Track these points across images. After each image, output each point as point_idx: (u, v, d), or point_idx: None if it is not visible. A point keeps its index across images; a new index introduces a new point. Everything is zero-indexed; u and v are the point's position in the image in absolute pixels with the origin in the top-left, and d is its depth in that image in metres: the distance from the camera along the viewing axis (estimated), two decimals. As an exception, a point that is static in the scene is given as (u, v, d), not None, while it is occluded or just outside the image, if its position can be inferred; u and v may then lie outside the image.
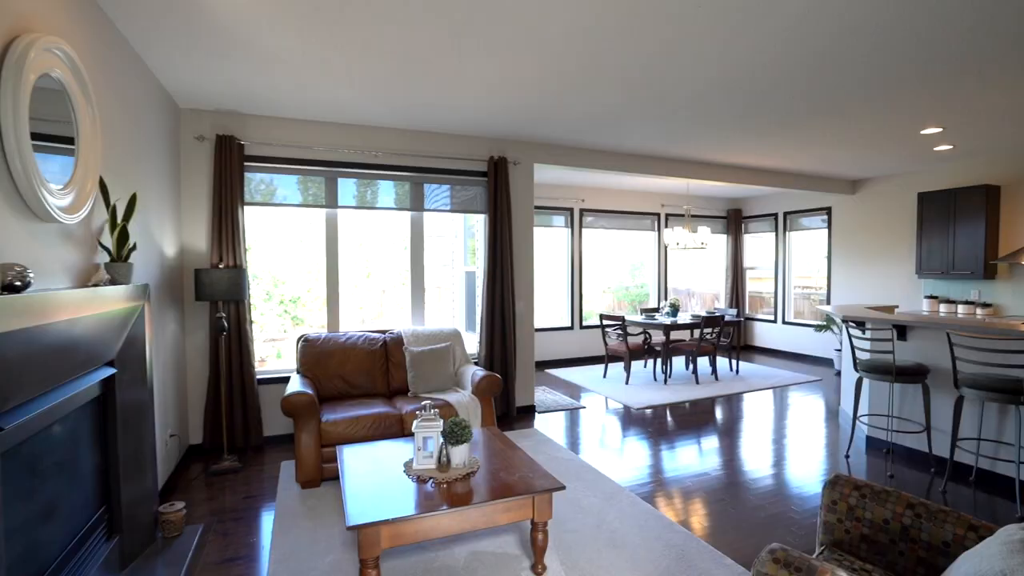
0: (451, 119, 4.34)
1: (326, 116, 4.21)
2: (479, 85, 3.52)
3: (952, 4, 2.44)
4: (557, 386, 6.42)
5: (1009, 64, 3.22)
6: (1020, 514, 3.14)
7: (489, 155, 4.94)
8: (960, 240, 5.88)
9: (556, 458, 3.96)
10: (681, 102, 3.89)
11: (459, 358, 4.41)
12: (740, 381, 6.56)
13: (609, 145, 5.27)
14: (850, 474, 3.74)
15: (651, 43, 2.85)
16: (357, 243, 7.00)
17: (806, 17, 2.56)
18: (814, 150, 5.46)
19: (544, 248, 8.00)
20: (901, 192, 6.80)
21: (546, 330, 7.79)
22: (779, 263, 8.55)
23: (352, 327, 6.94)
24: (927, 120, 4.37)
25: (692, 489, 3.45)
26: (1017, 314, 5.69)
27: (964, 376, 3.39)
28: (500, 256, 4.89)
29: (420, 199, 4.77)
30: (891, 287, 6.93)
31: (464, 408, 3.77)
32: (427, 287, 4.95)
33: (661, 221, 8.62)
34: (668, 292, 8.81)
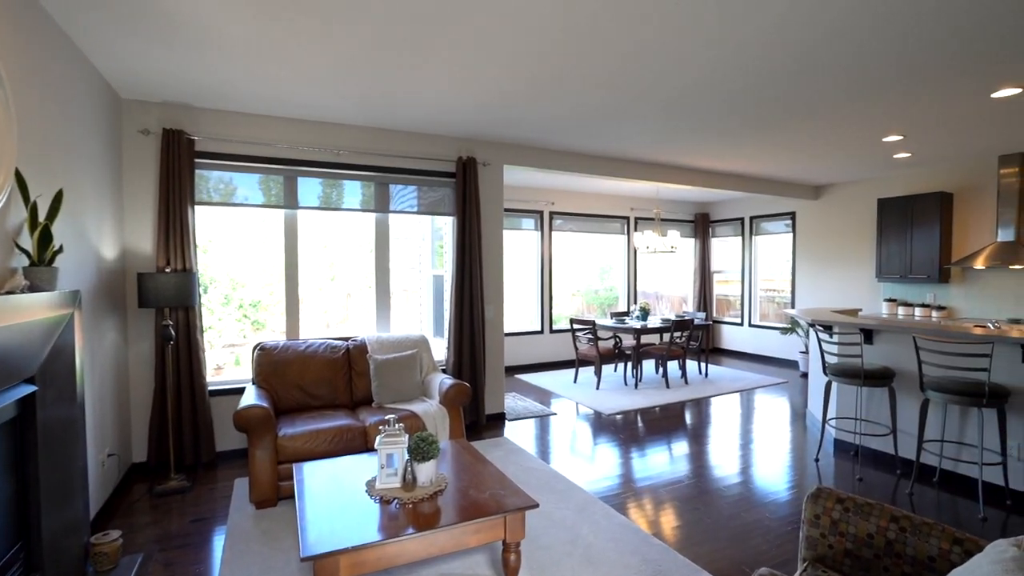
0: (418, 117, 4.18)
1: (285, 111, 3.99)
2: (447, 82, 3.38)
3: (919, 18, 2.44)
4: (527, 392, 6.30)
5: (968, 76, 3.28)
6: (983, 515, 3.18)
7: (458, 155, 4.79)
8: (917, 245, 6.05)
9: (527, 468, 3.84)
10: (654, 105, 3.83)
11: (426, 366, 4.24)
12: (709, 384, 6.58)
13: (580, 147, 5.19)
14: (820, 478, 3.75)
15: (625, 43, 2.76)
16: (321, 245, 6.75)
17: (780, 23, 2.51)
18: (781, 155, 5.52)
19: (514, 251, 7.89)
20: (862, 198, 6.98)
21: (516, 334, 7.67)
22: (745, 267, 8.67)
23: (316, 332, 6.69)
24: (889, 128, 4.45)
25: (666, 497, 3.38)
26: (969, 316, 5.88)
27: (929, 379, 3.43)
28: (469, 259, 4.75)
29: (385, 200, 4.58)
30: (853, 290, 7.09)
31: (431, 419, 3.60)
32: (394, 291, 4.77)
33: (630, 224, 8.63)
34: (637, 295, 8.82)
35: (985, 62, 3.10)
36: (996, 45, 2.87)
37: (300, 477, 2.56)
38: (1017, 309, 5.56)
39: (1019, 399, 3.34)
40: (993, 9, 2.45)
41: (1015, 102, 3.79)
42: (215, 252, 5.93)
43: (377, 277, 4.69)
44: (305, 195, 4.27)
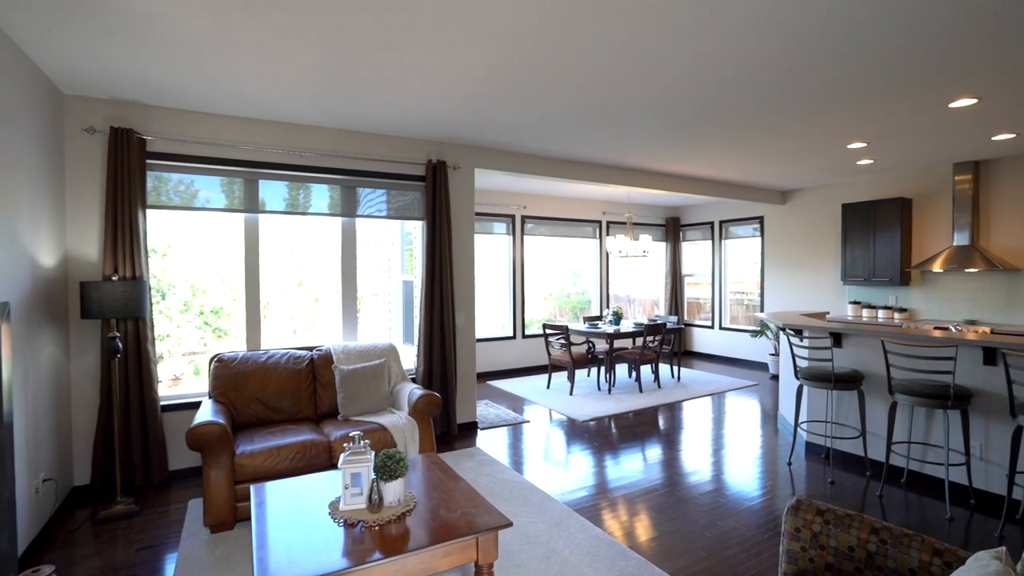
0: (386, 119, 4.04)
1: (246, 111, 3.80)
2: (416, 83, 3.26)
3: (883, 31, 2.46)
4: (500, 399, 6.20)
5: (928, 86, 3.35)
6: (949, 515, 3.22)
7: (427, 158, 4.67)
8: (879, 249, 6.20)
9: (500, 480, 3.73)
10: (625, 110, 3.80)
11: (395, 375, 4.09)
12: (682, 388, 6.60)
13: (552, 151, 5.13)
14: (793, 482, 3.76)
15: (597, 47, 2.70)
16: (288, 249, 6.53)
17: (748, 30, 2.49)
18: (749, 161, 5.57)
19: (486, 255, 7.79)
20: (827, 203, 7.13)
21: (488, 340, 7.56)
22: (715, 270, 8.77)
23: (283, 339, 6.44)
24: (854, 135, 4.53)
25: (642, 506, 3.32)
26: (929, 318, 6.05)
27: (897, 382, 3.47)
28: (439, 265, 4.62)
29: (352, 204, 4.43)
30: (819, 293, 7.24)
31: (400, 431, 3.46)
32: (364, 295, 4.62)
33: (602, 228, 8.63)
34: (610, 299, 8.82)
35: (944, 74, 3.17)
36: (954, 58, 2.94)
37: (258, 500, 2.39)
38: (973, 310, 5.74)
39: (981, 400, 3.40)
40: (950, 24, 2.50)
41: (971, 112, 3.90)
42: (174, 257, 5.66)
43: (343, 284, 4.52)
44: (268, 198, 4.09)
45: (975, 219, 5.61)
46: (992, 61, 2.99)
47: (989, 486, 3.40)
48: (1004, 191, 5.51)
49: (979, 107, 3.79)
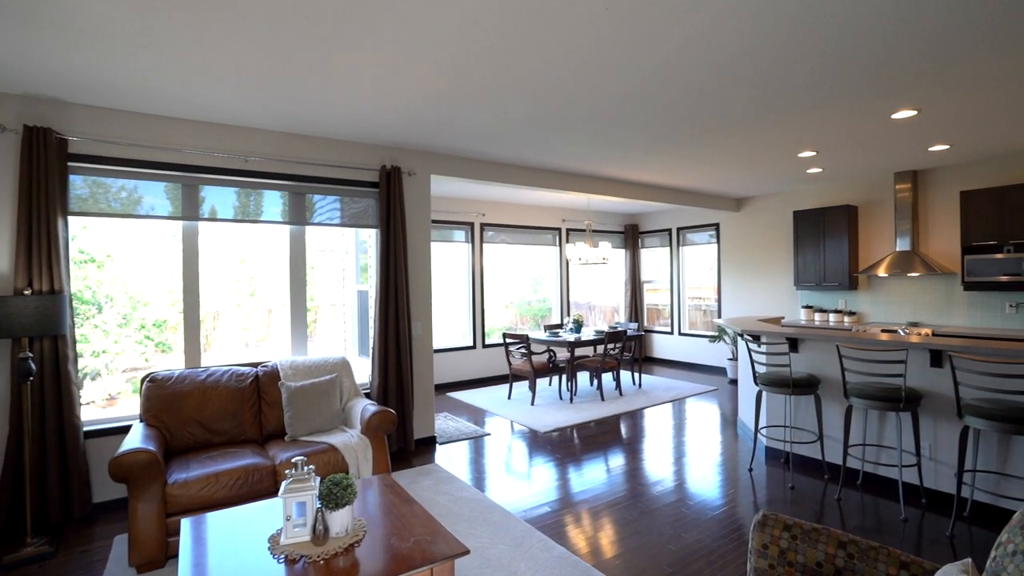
0: (337, 123, 3.86)
1: (184, 112, 3.54)
2: (366, 85, 3.10)
3: (829, 42, 2.48)
4: (460, 411, 6.03)
5: (872, 98, 3.44)
6: (904, 516, 3.27)
7: (381, 164, 4.49)
8: (829, 254, 6.39)
9: (460, 499, 3.57)
10: (582, 115, 3.75)
11: (347, 391, 3.88)
12: (643, 395, 6.60)
13: (510, 158, 5.05)
14: (754, 489, 3.75)
15: (555, 50, 2.63)
16: (239, 258, 6.20)
17: (708, 32, 2.47)
18: (705, 168, 5.64)
19: (445, 264, 7.63)
20: (779, 210, 7.32)
21: (447, 350, 7.39)
22: (674, 277, 8.88)
23: (234, 352, 6.08)
24: (804, 144, 4.63)
25: (605, 520, 3.23)
26: (876, 320, 6.27)
27: (852, 386, 3.52)
28: (394, 274, 4.44)
29: (302, 211, 4.20)
30: (774, 298, 7.41)
31: (352, 452, 3.26)
32: (321, 306, 4.39)
33: (562, 236, 8.61)
34: (570, 306, 8.80)
35: (887, 85, 3.26)
36: (897, 71, 3.04)
37: (192, 536, 2.16)
38: (916, 313, 5.98)
39: (930, 401, 3.49)
40: (893, 39, 2.57)
41: (911, 123, 4.04)
42: (113, 267, 5.27)
43: (292, 295, 4.28)
44: (210, 205, 3.82)
45: (915, 225, 5.85)
46: (930, 75, 3.10)
47: (939, 485, 3.48)
48: (939, 199, 5.77)
49: (918, 118, 3.93)
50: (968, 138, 4.55)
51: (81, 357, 5.32)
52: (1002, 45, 2.73)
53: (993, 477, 3.25)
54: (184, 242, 3.79)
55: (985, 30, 2.54)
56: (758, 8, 2.30)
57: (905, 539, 3.02)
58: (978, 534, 3.06)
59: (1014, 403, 2.89)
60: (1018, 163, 5.25)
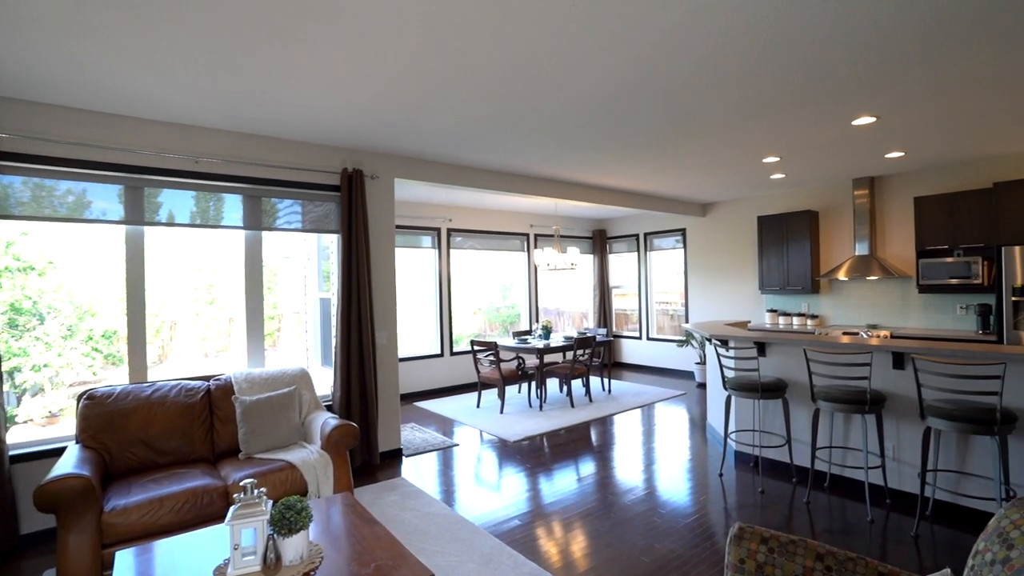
0: (294, 123, 3.69)
1: (129, 109, 3.31)
2: (324, 83, 2.96)
3: (793, 49, 2.49)
4: (427, 421, 5.87)
5: (834, 104, 3.49)
6: (870, 517, 3.29)
7: (343, 167, 4.33)
8: (792, 259, 6.52)
9: (427, 514, 3.43)
10: (549, 118, 3.69)
11: (307, 404, 3.69)
12: (613, 401, 6.57)
13: (477, 161, 4.95)
14: (725, 494, 3.73)
15: (520, 47, 2.55)
16: (196, 265, 5.92)
17: (675, 34, 2.43)
18: (672, 173, 5.67)
19: (412, 270, 7.46)
20: (744, 215, 7.44)
21: (414, 359, 7.21)
22: (642, 282, 8.93)
23: (193, 363, 5.77)
24: (769, 149, 4.69)
25: (577, 532, 3.15)
26: (837, 323, 6.42)
27: (818, 389, 3.54)
28: (357, 281, 4.28)
29: (258, 215, 4.00)
30: (740, 302, 7.51)
31: (311, 469, 3.09)
32: (284, 314, 4.20)
33: (530, 241, 8.56)
34: (539, 312, 8.74)
35: (849, 92, 3.32)
36: (858, 78, 3.10)
37: (128, 569, 1.97)
38: (874, 315, 6.14)
39: (893, 403, 3.54)
40: (853, 47, 2.59)
41: (870, 130, 4.13)
42: (56, 276, 4.92)
43: (248, 304, 4.06)
44: (156, 208, 3.59)
45: (873, 230, 6.02)
46: (890, 83, 3.16)
47: (902, 485, 3.54)
48: (894, 205, 5.96)
49: (877, 125, 4.02)
50: (922, 146, 4.69)
51: (19, 372, 4.93)
52: (956, 57, 2.81)
53: (953, 476, 3.31)
54: (128, 248, 3.55)
55: (942, 42, 2.59)
56: (727, 9, 2.28)
57: (872, 541, 3.04)
58: (940, 532, 3.10)
59: (973, 403, 2.95)
60: (967, 171, 5.46)
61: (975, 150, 4.93)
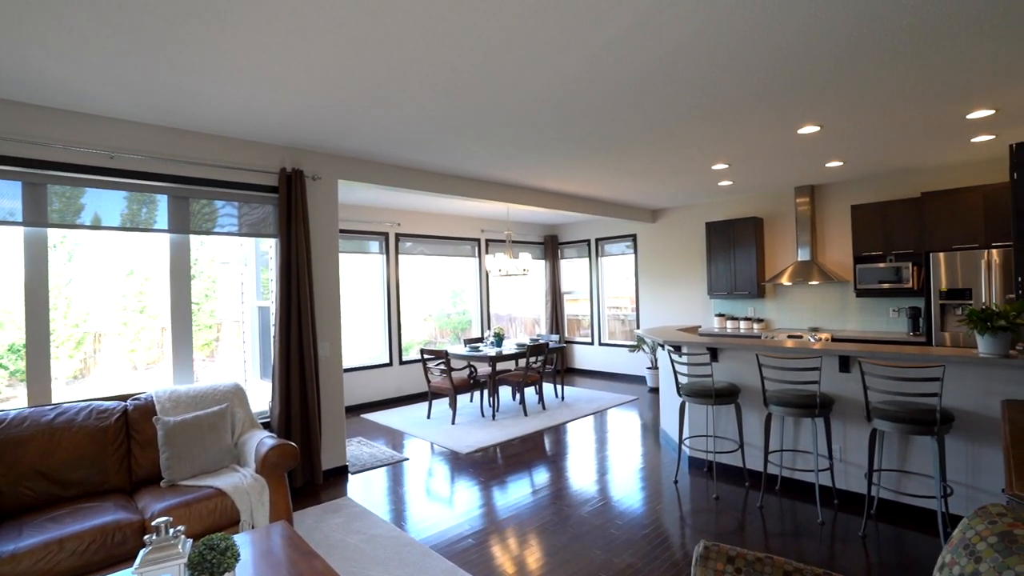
0: (227, 118, 3.39)
1: (29, 96, 2.94)
2: (258, 74, 2.71)
3: (741, 56, 2.48)
4: (376, 434, 5.60)
5: (781, 111, 3.55)
6: (821, 519, 3.33)
7: (281, 167, 4.05)
8: (739, 264, 6.68)
9: (374, 537, 3.21)
10: (501, 119, 3.56)
11: (241, 422, 3.39)
12: (566, 408, 6.50)
13: (426, 163, 4.77)
14: (680, 502, 3.70)
15: (470, 40, 2.41)
16: (125, 271, 5.44)
17: (628, 35, 2.36)
18: (625, 179, 5.68)
19: (359, 277, 7.16)
20: (693, 221, 7.58)
21: (361, 369, 6.90)
22: (593, 287, 8.95)
23: (120, 378, 5.25)
24: (718, 155, 4.76)
25: (534, 550, 3.01)
26: (782, 327, 6.61)
27: (770, 394, 3.57)
28: (297, 288, 4.00)
29: (185, 218, 3.66)
30: (689, 307, 7.64)
31: (244, 495, 2.81)
32: (224, 323, 3.85)
33: (481, 247, 8.41)
34: (491, 318, 8.59)
35: (794, 101, 3.39)
36: (804, 86, 3.14)
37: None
38: (815, 319, 6.36)
39: (840, 405, 3.62)
40: (797, 56, 2.62)
41: (813, 139, 4.25)
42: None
43: (174, 314, 3.71)
44: (77, 210, 3.21)
45: (814, 237, 6.25)
46: (833, 93, 3.24)
47: (849, 486, 3.61)
48: (833, 212, 6.21)
49: (820, 135, 4.14)
50: (859, 155, 4.89)
51: None
52: (888, 72, 2.92)
53: (895, 475, 3.40)
54: (27, 251, 3.14)
55: (876, 56, 2.65)
56: (682, 11, 2.22)
57: (823, 542, 3.07)
58: (884, 530, 3.17)
59: (914, 405, 3.03)
60: (899, 180, 5.75)
61: (906, 161, 5.19)
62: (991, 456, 3.09)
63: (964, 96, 3.41)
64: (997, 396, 3.07)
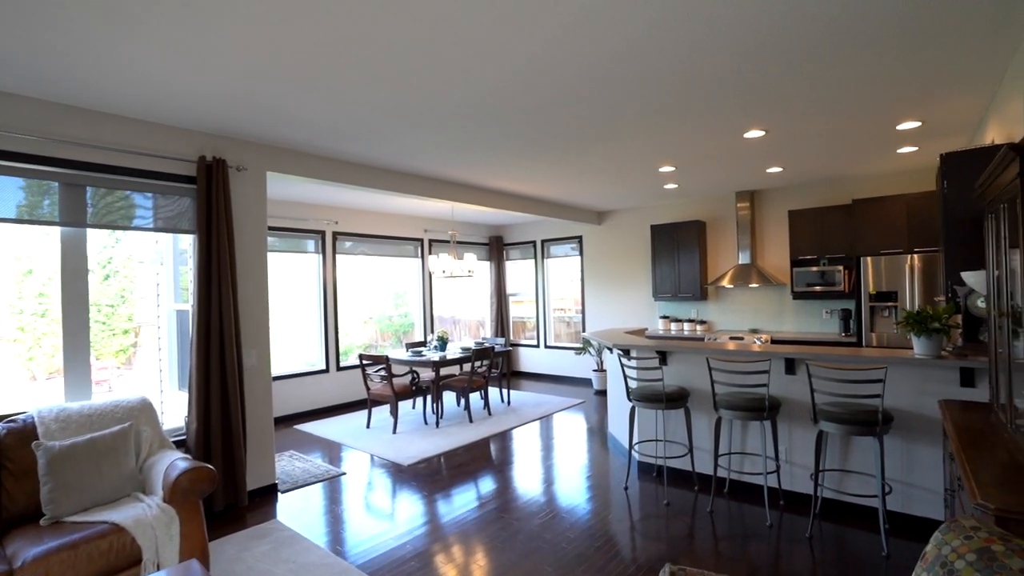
0: (135, 97, 2.97)
1: None
2: (171, 47, 2.36)
3: (689, 59, 2.41)
4: (310, 447, 5.20)
5: (728, 116, 3.56)
6: (769, 521, 3.33)
7: (200, 155, 3.63)
8: (683, 267, 6.76)
9: (305, 566, 2.89)
10: (448, 112, 3.34)
11: (148, 443, 2.98)
12: (513, 413, 6.33)
13: (366, 158, 4.46)
14: (630, 510, 3.60)
15: (415, 22, 2.18)
16: (24, 270, 4.78)
17: (583, 22, 2.22)
18: (572, 179, 5.59)
19: (294, 278, 6.69)
20: (638, 224, 7.62)
21: (295, 376, 6.45)
22: (539, 289, 8.85)
23: (14, 391, 4.56)
24: (665, 158, 4.74)
25: (483, 571, 2.80)
26: (723, 328, 6.75)
27: (720, 397, 3.54)
28: (219, 290, 3.60)
29: (80, 209, 3.19)
30: (635, 309, 7.67)
31: (148, 530, 2.43)
32: (143, 327, 3.39)
33: (425, 247, 8.12)
34: (434, 321, 8.31)
35: (740, 106, 3.39)
36: (748, 92, 3.15)
37: None
38: (755, 320, 6.53)
39: (786, 408, 3.65)
40: (751, 60, 2.61)
41: (759, 143, 4.30)
42: None
43: (65, 321, 3.22)
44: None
45: (754, 241, 6.41)
46: (781, 97, 3.27)
47: (794, 486, 3.64)
48: (771, 217, 6.40)
49: (764, 140, 4.19)
50: (799, 162, 5.02)
51: None
52: (825, 81, 2.97)
53: (837, 474, 3.46)
54: None
55: (812, 66, 2.65)
56: (632, 3, 2.10)
57: (770, 545, 3.05)
58: (829, 529, 3.22)
59: (858, 406, 3.07)
60: (833, 187, 5.99)
61: (840, 169, 5.40)
62: (925, 454, 3.18)
63: (896, 107, 3.53)
64: (930, 396, 3.16)
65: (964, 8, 2.28)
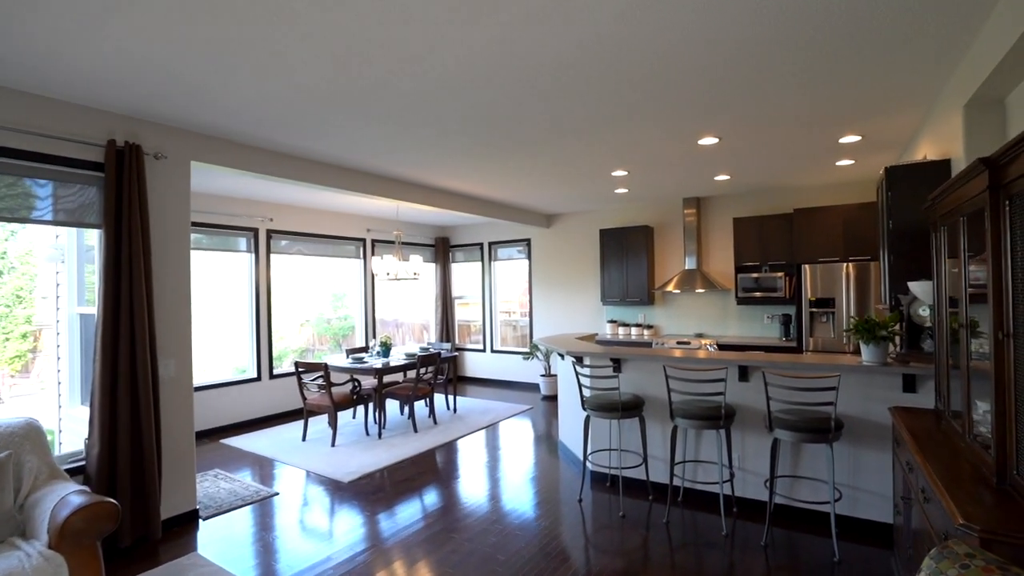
0: (21, 64, 2.53)
1: None
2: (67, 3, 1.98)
3: (642, 63, 2.32)
4: (239, 464, 4.75)
5: (683, 121, 3.53)
6: (725, 531, 3.30)
7: (109, 138, 3.18)
8: (631, 271, 6.77)
9: (228, 608, 2.55)
10: (391, 103, 3.09)
11: (32, 474, 2.53)
12: (459, 421, 6.10)
13: (304, 149, 4.11)
14: (584, 522, 3.48)
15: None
16: None
17: (544, 10, 2.07)
18: (522, 180, 5.44)
19: (223, 278, 6.15)
20: (587, 228, 7.59)
21: (222, 386, 5.91)
22: (486, 292, 8.65)
23: None
24: (618, 161, 4.68)
25: (433, 605, 2.58)
26: (670, 332, 6.81)
27: (676, 406, 3.48)
28: (130, 292, 3.16)
29: (-45, 196, 2.70)
30: (583, 314, 7.62)
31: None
32: (45, 329, 2.89)
33: (367, 247, 7.73)
34: (376, 324, 7.93)
35: (695, 112, 3.37)
36: (704, 98, 3.12)
37: None
38: (700, 325, 6.63)
39: (741, 415, 3.64)
40: (706, 69, 2.58)
41: (711, 150, 4.32)
42: None
43: (-67, 327, 2.70)
44: None
45: (699, 247, 6.51)
46: (735, 105, 3.28)
47: (747, 493, 3.64)
48: (716, 224, 6.52)
49: (717, 146, 4.20)
50: (745, 170, 5.11)
51: None
52: (773, 93, 3.01)
53: (789, 481, 3.48)
54: None
55: (781, 72, 2.64)
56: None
57: (726, 554, 3.01)
58: (783, 536, 3.21)
59: (811, 413, 3.08)
60: (776, 196, 6.17)
61: (783, 179, 5.56)
62: (871, 459, 3.24)
63: (842, 120, 3.63)
64: (876, 401, 3.23)
65: (910, 29, 2.35)
